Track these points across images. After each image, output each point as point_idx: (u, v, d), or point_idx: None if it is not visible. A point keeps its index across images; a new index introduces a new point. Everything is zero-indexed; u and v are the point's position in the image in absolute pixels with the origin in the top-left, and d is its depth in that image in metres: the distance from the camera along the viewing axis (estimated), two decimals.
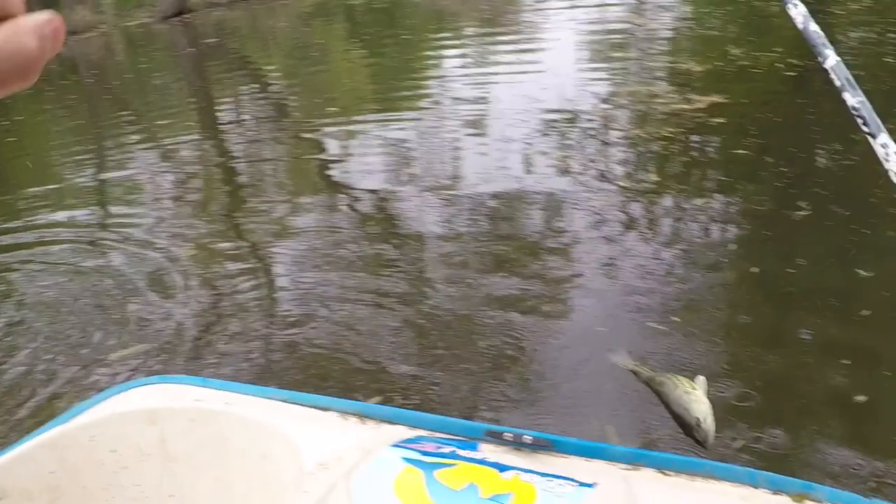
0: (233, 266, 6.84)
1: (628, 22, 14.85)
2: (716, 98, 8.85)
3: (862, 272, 5.03)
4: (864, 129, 2.05)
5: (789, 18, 2.33)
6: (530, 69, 12.32)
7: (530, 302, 5.45)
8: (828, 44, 2.17)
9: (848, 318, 4.68)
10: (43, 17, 0.57)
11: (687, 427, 2.17)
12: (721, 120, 8.21)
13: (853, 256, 5.23)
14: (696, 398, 2.29)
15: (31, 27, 0.56)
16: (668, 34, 13.57)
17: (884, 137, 2.00)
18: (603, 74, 11.24)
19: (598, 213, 6.56)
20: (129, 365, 5.41)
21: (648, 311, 5.02)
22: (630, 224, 6.32)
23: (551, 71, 11.69)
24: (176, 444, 2.33)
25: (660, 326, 4.82)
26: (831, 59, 2.13)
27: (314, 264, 6.77)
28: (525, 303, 5.45)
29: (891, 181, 2.02)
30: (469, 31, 17.14)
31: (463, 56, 14.82)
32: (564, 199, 6.98)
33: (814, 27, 2.22)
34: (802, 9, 2.29)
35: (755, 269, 5.37)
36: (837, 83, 2.09)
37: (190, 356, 5.43)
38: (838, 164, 6.85)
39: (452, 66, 14.05)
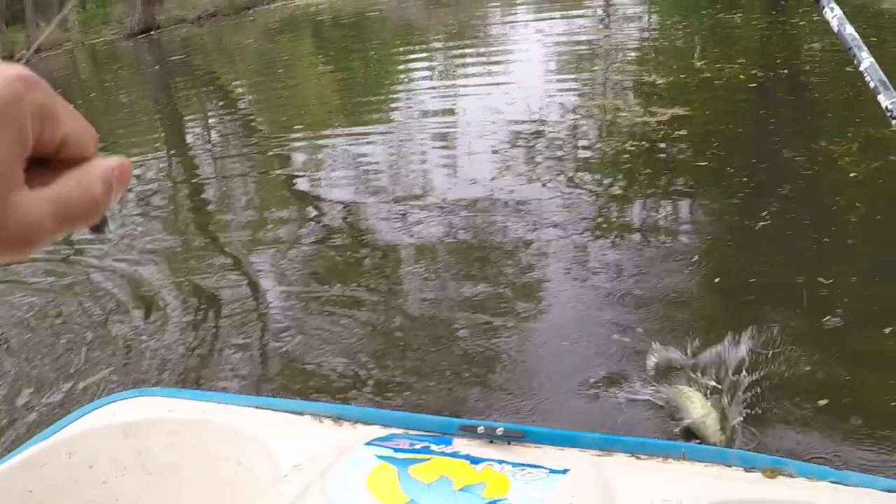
0: (205, 279, 6.90)
1: (593, 34, 14.97)
2: (679, 110, 8.95)
3: (822, 279, 5.11)
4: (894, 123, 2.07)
5: (826, 21, 2.33)
6: (497, 81, 12.46)
7: (499, 308, 5.57)
8: (863, 46, 2.19)
9: (810, 324, 4.76)
10: (112, 162, 0.64)
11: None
12: (683, 132, 8.30)
13: (814, 264, 5.31)
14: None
15: (101, 173, 0.62)
16: (633, 46, 13.67)
17: None
18: (568, 87, 11.37)
19: (562, 226, 6.66)
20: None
21: (612, 322, 5.10)
22: (594, 236, 6.43)
23: (518, 84, 11.83)
24: (154, 456, 2.34)
25: (624, 338, 4.89)
26: (866, 62, 2.15)
27: (286, 277, 6.84)
28: (494, 308, 5.57)
29: None
30: (436, 44, 17.21)
31: (431, 69, 14.90)
32: (528, 212, 7.08)
33: (850, 30, 2.23)
34: (838, 12, 2.30)
35: (717, 280, 5.46)
36: (872, 84, 2.11)
37: (168, 368, 5.49)
38: (799, 174, 6.94)
39: (420, 80, 14.13)
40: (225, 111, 15.11)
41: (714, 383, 4.16)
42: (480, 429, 2.06)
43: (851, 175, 6.66)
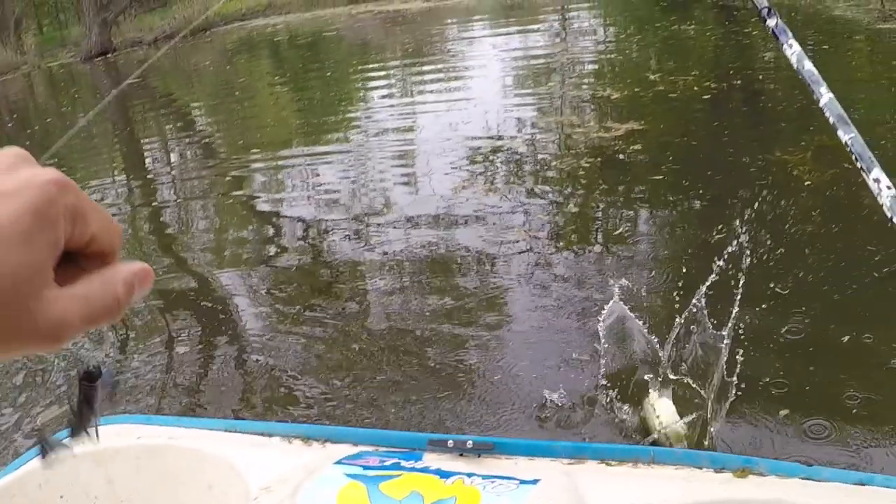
0: (166, 302, 6.91)
1: (549, 48, 15.08)
2: (634, 125, 9.03)
3: (780, 290, 5.18)
4: (858, 163, 2.08)
5: (785, 57, 2.38)
6: (455, 98, 12.53)
7: (461, 321, 5.63)
8: (821, 81, 2.23)
9: (769, 338, 4.82)
10: (135, 267, 0.67)
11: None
12: (639, 146, 8.39)
13: (771, 275, 5.36)
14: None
15: (125, 276, 0.66)
16: (588, 61, 13.80)
17: (876, 172, 2.04)
18: (525, 103, 11.45)
19: (520, 243, 6.71)
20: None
21: (570, 341, 5.15)
22: (552, 252, 6.48)
23: (475, 100, 11.91)
24: (124, 483, 2.34)
25: (582, 356, 4.94)
26: (825, 97, 2.19)
27: (249, 298, 6.87)
28: (456, 321, 5.63)
29: (886, 215, 2.06)
30: (393, 62, 17.25)
31: (388, 88, 14.93)
32: (487, 229, 7.12)
33: (808, 66, 2.28)
34: (797, 48, 2.35)
35: (675, 293, 5.50)
36: (831, 120, 2.15)
37: (133, 395, 5.48)
38: (755, 185, 7.01)
39: (378, 98, 14.17)
40: (183, 133, 15.05)
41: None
42: (450, 442, 2.08)
43: (806, 184, 6.76)
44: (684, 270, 5.72)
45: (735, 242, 5.91)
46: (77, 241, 0.63)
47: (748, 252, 5.80)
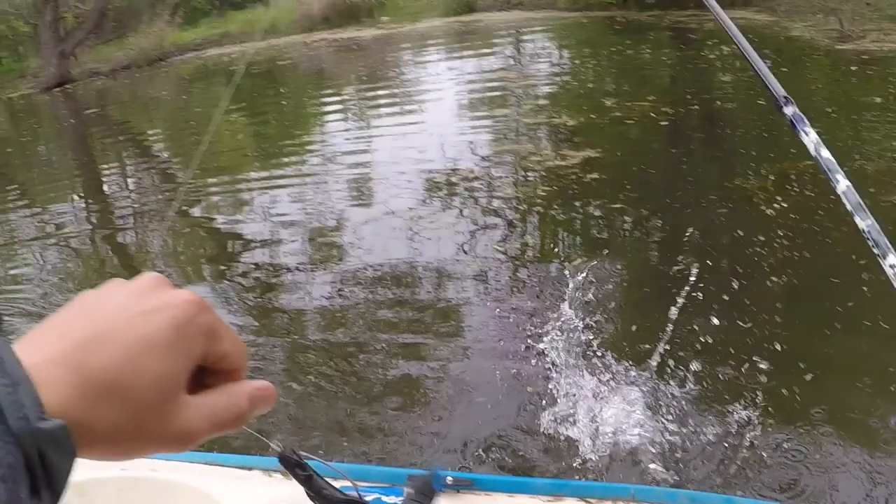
0: None
1: (504, 74, 14.97)
2: (590, 153, 8.92)
3: (741, 324, 5.07)
4: (874, 250, 2.07)
5: (803, 145, 2.35)
6: (409, 127, 12.40)
7: (419, 353, 5.55)
8: (839, 169, 2.21)
9: (732, 372, 4.71)
10: (260, 384, 0.74)
11: None
12: (595, 175, 8.26)
13: (734, 308, 5.26)
14: None
15: (249, 392, 0.73)
16: (544, 87, 13.68)
17: (892, 258, 2.03)
18: (479, 131, 11.31)
19: (472, 279, 6.57)
20: None
21: (525, 377, 5.03)
22: (506, 289, 6.33)
23: (429, 129, 11.79)
24: None
25: (536, 389, 4.83)
26: (842, 185, 2.17)
27: None
28: (413, 354, 5.55)
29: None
30: (348, 91, 17.14)
31: (344, 116, 14.83)
32: (440, 265, 6.96)
33: (826, 154, 2.26)
34: (814, 136, 2.32)
35: (634, 328, 5.40)
36: (849, 207, 2.13)
37: None
38: (713, 213, 6.93)
39: (334, 128, 14.03)
40: (141, 161, 14.91)
41: None
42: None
43: (768, 212, 6.65)
44: (645, 308, 5.63)
45: (695, 274, 5.84)
46: (211, 356, 0.70)
47: (709, 287, 5.72)
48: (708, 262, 6.09)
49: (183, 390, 0.67)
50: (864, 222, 2.10)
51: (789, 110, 2.43)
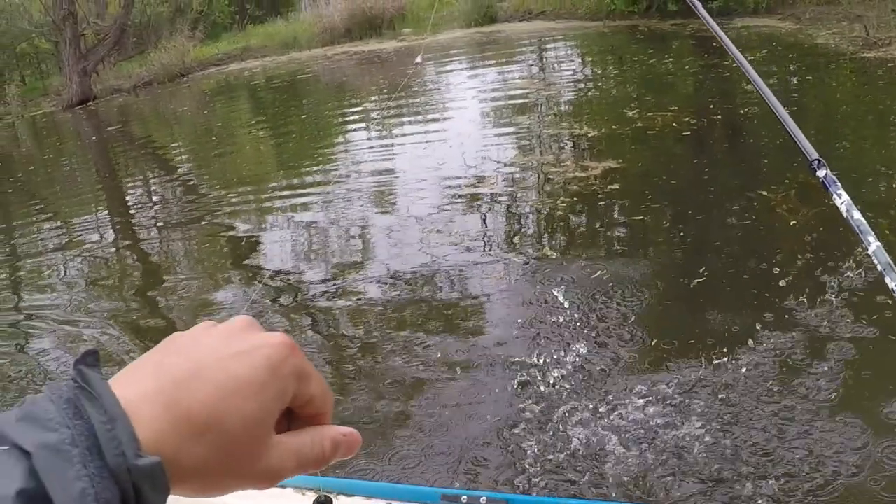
0: (148, 344, 6.76)
1: (524, 86, 14.90)
2: (611, 163, 8.82)
3: (762, 345, 4.93)
4: None
5: (836, 207, 2.39)
6: (430, 135, 12.45)
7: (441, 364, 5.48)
8: (870, 231, 2.23)
9: (749, 389, 4.59)
10: (346, 430, 0.75)
11: None
12: (616, 186, 8.15)
13: (754, 322, 5.13)
14: None
15: (332, 436, 0.74)
16: (565, 97, 13.61)
17: None
18: (501, 142, 11.23)
19: (496, 291, 6.49)
20: None
21: (543, 392, 4.91)
22: (525, 299, 6.22)
23: (450, 140, 11.77)
24: None
25: (561, 407, 4.72)
26: (873, 246, 2.18)
27: None
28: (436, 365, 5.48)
29: None
30: (370, 103, 17.09)
31: (365, 128, 14.79)
32: (462, 275, 6.92)
33: (857, 216, 2.28)
34: (846, 198, 2.34)
35: (654, 342, 5.27)
36: (879, 267, 2.14)
37: None
38: (736, 226, 6.80)
39: (355, 139, 14.02)
40: (164, 177, 14.96)
41: None
42: (464, 498, 2.11)
43: (791, 223, 6.52)
44: (665, 320, 5.51)
45: (716, 289, 5.72)
46: (299, 398, 0.71)
47: (729, 300, 5.59)
48: (730, 276, 5.97)
49: (271, 431, 0.68)
50: (894, 282, 2.08)
51: (822, 173, 2.46)
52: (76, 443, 0.57)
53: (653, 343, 5.24)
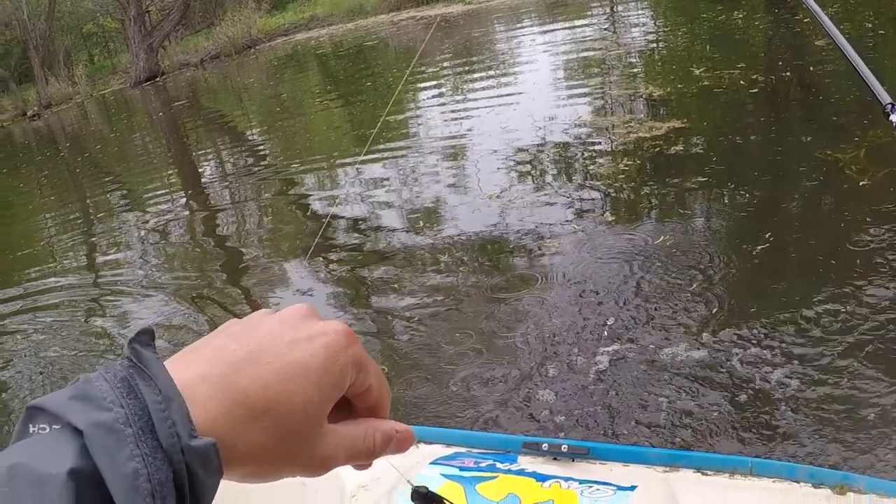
0: (223, 312, 7.11)
1: (597, 45, 14.71)
2: (676, 123, 8.63)
3: (826, 322, 4.72)
4: None
5: (891, 124, 2.33)
6: (499, 100, 12.42)
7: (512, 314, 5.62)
8: None
9: (816, 359, 4.40)
10: (399, 426, 0.75)
11: None
12: (680, 147, 7.97)
13: (818, 289, 4.93)
14: None
15: (385, 430, 0.73)
16: (633, 56, 13.38)
17: None
18: (570, 103, 11.20)
19: (565, 248, 6.50)
20: None
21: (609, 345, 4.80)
22: (594, 259, 6.18)
23: (518, 102, 11.78)
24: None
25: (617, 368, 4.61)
26: None
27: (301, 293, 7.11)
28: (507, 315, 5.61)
29: None
30: (440, 66, 16.96)
31: (437, 91, 14.71)
32: (534, 231, 7.00)
33: None
34: None
35: (715, 310, 5.09)
36: None
37: None
38: (804, 187, 6.57)
39: (427, 102, 14.04)
40: (234, 147, 15.21)
41: None
42: (545, 445, 2.10)
43: (861, 184, 6.27)
44: (730, 286, 5.34)
45: (781, 254, 5.51)
46: (356, 388, 0.71)
47: (795, 266, 5.39)
48: (796, 240, 5.77)
49: (325, 418, 0.68)
50: None
51: (895, 117, 2.35)
52: (130, 422, 0.56)
53: (714, 311, 5.07)
